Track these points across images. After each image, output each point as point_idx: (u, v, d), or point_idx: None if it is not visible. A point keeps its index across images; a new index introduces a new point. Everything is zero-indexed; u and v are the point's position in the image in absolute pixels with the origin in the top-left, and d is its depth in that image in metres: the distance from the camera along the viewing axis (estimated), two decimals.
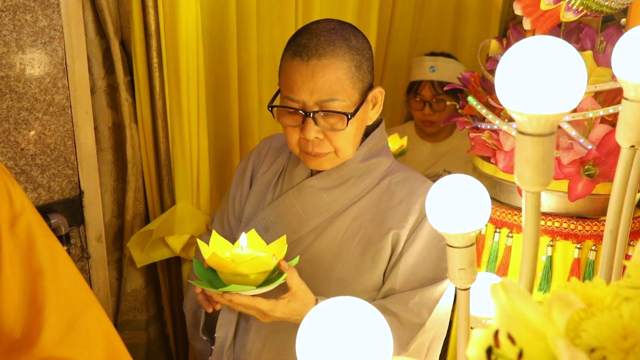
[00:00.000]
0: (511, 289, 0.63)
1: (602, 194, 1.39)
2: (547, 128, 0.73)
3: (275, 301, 1.17)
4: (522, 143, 0.75)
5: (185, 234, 1.71)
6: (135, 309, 1.81)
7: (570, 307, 0.59)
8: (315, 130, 1.22)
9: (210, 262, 1.15)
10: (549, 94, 0.70)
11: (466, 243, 0.99)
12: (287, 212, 1.36)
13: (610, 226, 1.03)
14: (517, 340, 0.61)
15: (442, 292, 1.29)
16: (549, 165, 0.76)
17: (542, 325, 0.61)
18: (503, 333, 0.61)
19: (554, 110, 0.71)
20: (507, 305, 0.63)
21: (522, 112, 0.72)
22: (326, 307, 0.67)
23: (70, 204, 1.51)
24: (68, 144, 1.49)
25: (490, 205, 0.98)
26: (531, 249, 0.82)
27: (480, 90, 1.52)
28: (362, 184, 1.34)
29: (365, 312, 0.67)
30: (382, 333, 0.66)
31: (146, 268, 1.82)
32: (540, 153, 0.74)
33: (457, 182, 0.98)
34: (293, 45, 1.24)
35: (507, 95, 0.73)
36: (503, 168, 1.38)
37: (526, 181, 0.77)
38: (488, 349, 0.61)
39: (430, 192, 0.98)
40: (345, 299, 0.68)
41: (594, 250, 1.41)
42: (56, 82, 1.44)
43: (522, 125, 0.74)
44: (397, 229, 1.28)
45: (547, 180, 0.77)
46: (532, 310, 0.62)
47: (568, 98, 0.71)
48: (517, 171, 0.77)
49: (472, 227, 0.97)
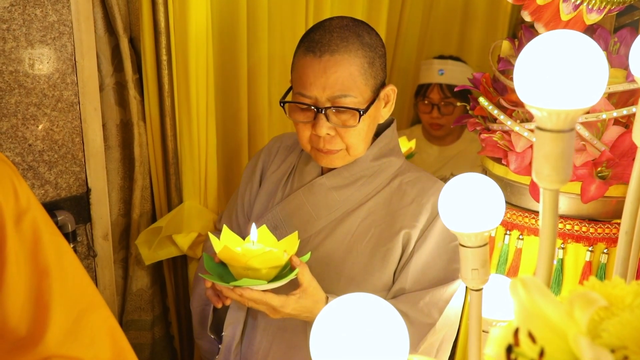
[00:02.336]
0: (531, 285, 0.62)
1: (615, 197, 1.38)
2: (567, 124, 0.72)
3: (286, 297, 1.16)
4: (542, 139, 0.74)
5: (192, 232, 1.70)
6: (140, 308, 1.80)
7: (592, 305, 0.58)
8: (327, 127, 1.22)
9: (222, 255, 1.14)
10: (570, 89, 0.69)
11: (479, 243, 0.97)
12: (297, 211, 1.35)
13: (626, 227, 1.01)
14: (537, 339, 0.60)
15: (452, 292, 1.28)
16: (568, 162, 0.74)
17: (562, 323, 0.59)
18: (523, 331, 0.60)
19: (574, 106, 0.70)
20: (527, 302, 0.62)
21: (541, 108, 0.71)
22: (341, 303, 0.66)
23: (77, 201, 1.50)
24: (76, 141, 1.48)
25: (504, 205, 0.97)
26: (548, 248, 0.81)
27: (491, 91, 1.51)
28: (373, 183, 1.33)
29: (381, 309, 0.65)
30: (399, 330, 0.65)
31: (152, 267, 1.81)
32: (559, 149, 0.73)
33: (470, 181, 0.97)
34: (306, 41, 1.24)
35: (527, 90, 0.72)
36: (515, 169, 1.37)
37: (544, 178, 0.76)
38: (508, 348, 0.60)
39: (444, 191, 0.97)
40: (360, 295, 0.66)
41: (605, 253, 1.39)
42: (65, 78, 1.43)
43: (542, 121, 0.73)
44: (408, 229, 1.27)
45: (566, 177, 0.75)
46: (552, 308, 0.60)
47: (589, 93, 0.69)
48: (536, 168, 0.76)
49: (486, 226, 0.96)
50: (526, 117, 1.39)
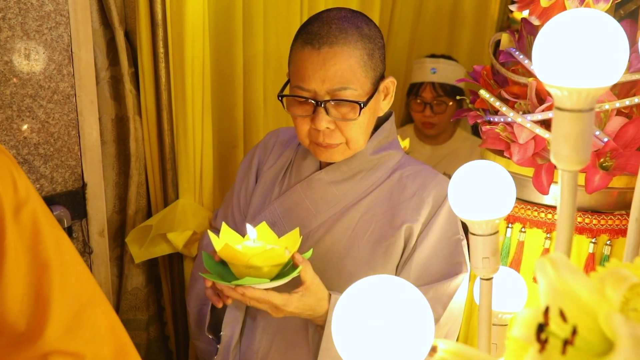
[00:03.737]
0: (560, 264, 0.60)
1: (617, 188, 1.37)
2: (587, 103, 0.71)
3: (288, 295, 1.14)
4: (561, 120, 0.73)
5: (187, 230, 1.67)
6: (135, 307, 1.77)
7: (624, 282, 0.56)
8: (326, 120, 1.20)
9: (223, 253, 1.11)
10: (590, 67, 0.68)
11: (490, 231, 0.96)
12: (295, 206, 1.34)
13: (636, 214, 1.00)
14: (568, 318, 0.58)
15: (456, 287, 1.27)
16: (587, 143, 0.73)
17: (593, 302, 0.58)
18: (554, 310, 0.59)
19: (594, 84, 0.69)
20: (556, 281, 0.60)
21: (562, 87, 0.70)
22: (364, 285, 0.64)
23: (73, 196, 1.47)
24: (72, 134, 1.45)
25: (515, 192, 0.96)
26: (566, 232, 0.79)
27: (492, 83, 1.50)
28: (373, 177, 1.32)
29: (405, 291, 0.64)
30: (424, 312, 0.63)
31: (147, 266, 1.78)
32: (579, 130, 0.72)
33: (480, 168, 0.96)
34: (304, 33, 1.22)
35: (546, 70, 0.71)
36: (518, 161, 1.36)
37: (563, 159, 0.75)
38: (539, 327, 0.58)
39: (453, 178, 0.96)
40: (382, 277, 0.65)
41: (609, 244, 1.39)
42: (61, 69, 1.40)
43: (561, 101, 0.72)
44: (410, 223, 1.26)
45: (585, 158, 0.74)
46: (582, 286, 0.59)
47: (609, 71, 0.69)
48: (554, 149, 0.75)
49: (497, 214, 0.95)
50: (528, 108, 1.38)
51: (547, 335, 0.58)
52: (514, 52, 1.43)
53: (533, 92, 1.36)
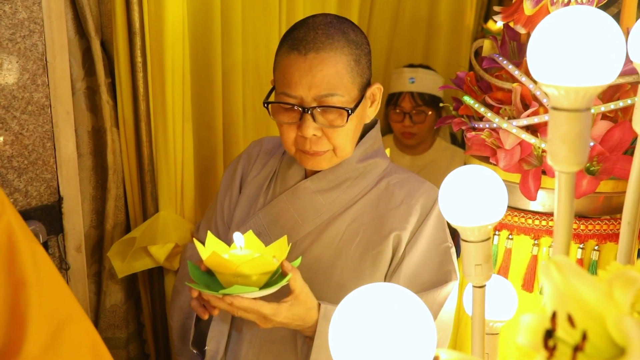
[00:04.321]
0: (566, 267, 0.58)
1: (603, 192, 1.37)
2: (584, 102, 0.69)
3: (277, 305, 1.11)
4: (557, 120, 0.71)
5: (169, 243, 1.63)
6: (114, 325, 1.71)
7: (634, 285, 0.54)
8: (313, 127, 1.18)
9: (209, 262, 1.08)
10: (587, 65, 0.66)
11: (482, 237, 0.95)
12: (280, 216, 1.31)
13: (628, 218, 0.99)
14: (577, 323, 0.56)
15: (446, 295, 1.25)
16: (585, 143, 0.72)
17: (601, 305, 0.56)
18: (562, 315, 0.56)
19: (592, 83, 0.68)
20: (561, 285, 0.58)
21: (558, 86, 0.69)
22: (363, 295, 0.62)
23: (48, 211, 1.42)
24: (47, 146, 1.40)
25: (506, 196, 0.94)
26: (564, 236, 0.78)
27: (475, 89, 1.49)
28: (360, 186, 1.30)
29: (407, 299, 0.61)
30: (426, 322, 0.60)
31: (126, 281, 1.72)
32: (577, 130, 0.70)
33: (471, 173, 0.94)
34: (289, 39, 1.20)
35: (542, 69, 0.69)
36: (504, 167, 1.35)
37: (561, 160, 0.73)
38: (547, 333, 0.56)
39: (444, 185, 0.94)
40: (381, 285, 0.62)
41: (597, 250, 1.38)
42: (35, 79, 1.35)
43: (557, 100, 0.70)
44: (399, 231, 1.24)
45: (583, 159, 0.73)
46: (589, 289, 0.57)
47: (607, 69, 0.67)
48: (551, 150, 0.73)
49: (489, 219, 0.93)
50: (513, 114, 1.37)
51: (556, 342, 0.55)
52: (497, 57, 1.43)
53: (518, 98, 1.36)
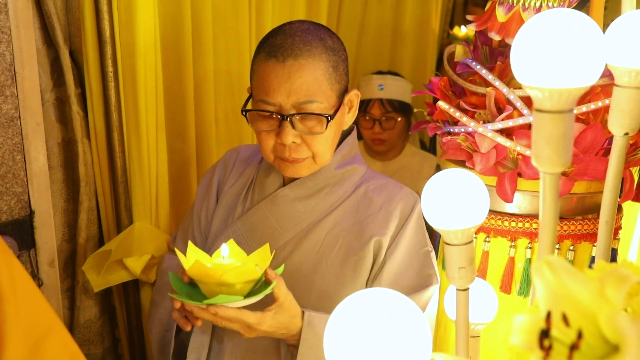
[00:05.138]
0: (558, 266, 0.59)
1: (577, 193, 1.39)
2: (568, 104, 0.70)
3: (262, 313, 1.10)
4: (541, 121, 0.72)
5: (145, 255, 1.59)
6: (89, 341, 1.67)
7: (626, 282, 0.55)
8: (292, 135, 1.17)
9: (192, 271, 1.06)
10: (570, 67, 0.67)
11: (465, 240, 0.95)
12: (259, 225, 1.30)
13: (606, 217, 1.01)
14: (571, 322, 0.56)
15: (427, 299, 1.26)
16: (569, 144, 0.73)
17: (593, 304, 0.56)
18: (557, 314, 0.57)
19: (575, 84, 0.69)
20: (554, 284, 0.58)
21: (541, 87, 0.69)
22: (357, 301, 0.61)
23: (19, 225, 1.37)
24: (17, 159, 1.36)
25: (488, 199, 0.95)
26: (549, 236, 0.79)
27: (449, 94, 1.51)
28: (338, 192, 1.30)
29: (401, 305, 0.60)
30: (421, 327, 0.60)
31: (100, 295, 1.68)
32: (561, 131, 0.71)
33: (452, 177, 0.94)
34: (266, 46, 1.19)
35: (525, 72, 0.70)
36: (481, 170, 1.36)
37: (545, 161, 0.74)
38: (542, 333, 0.56)
39: (426, 188, 0.94)
40: (376, 291, 0.61)
41: (572, 250, 1.40)
42: (4, 90, 1.31)
43: (541, 102, 0.71)
44: (379, 236, 1.25)
45: (567, 160, 0.74)
46: (582, 288, 0.57)
47: (589, 71, 0.68)
48: (536, 152, 0.74)
49: (472, 222, 0.93)
50: (487, 118, 1.39)
51: (551, 342, 0.56)
52: (470, 62, 1.44)
53: (492, 102, 1.37)
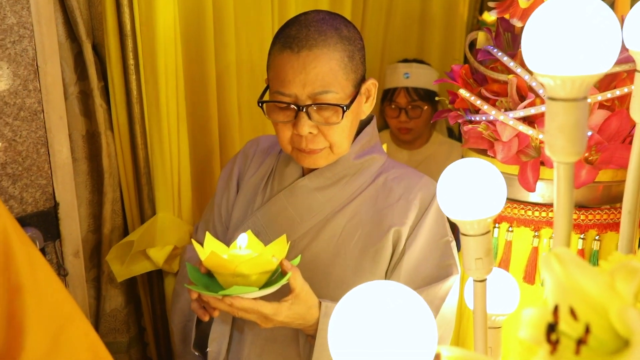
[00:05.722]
0: (567, 259, 0.57)
1: (602, 182, 1.36)
2: (581, 91, 0.68)
3: (278, 304, 1.10)
4: (554, 110, 0.70)
5: (168, 245, 1.62)
6: (115, 330, 1.70)
7: (637, 275, 0.53)
8: (309, 125, 1.17)
9: (208, 262, 1.07)
10: (583, 53, 0.65)
11: (482, 230, 0.94)
12: (279, 215, 1.30)
13: (629, 207, 0.99)
14: (579, 316, 0.55)
15: (447, 290, 1.25)
16: (583, 133, 0.71)
17: (603, 297, 0.55)
18: (564, 308, 0.55)
19: (588, 71, 0.67)
20: (563, 277, 0.57)
21: (553, 75, 0.68)
22: (361, 293, 0.61)
23: (44, 217, 1.41)
24: (41, 152, 1.39)
25: (505, 189, 0.93)
26: (564, 227, 0.77)
27: (471, 82, 1.48)
28: (357, 182, 1.29)
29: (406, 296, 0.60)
30: (426, 319, 0.59)
31: (126, 285, 1.72)
32: (574, 119, 0.69)
33: (469, 167, 0.93)
34: (282, 37, 1.19)
35: (537, 59, 0.68)
36: (502, 159, 1.34)
37: (559, 151, 0.72)
38: (549, 327, 0.55)
39: (442, 179, 0.93)
40: (382, 283, 0.61)
41: (597, 240, 1.37)
42: (27, 84, 1.34)
43: (554, 90, 0.69)
44: (398, 226, 1.24)
45: (581, 149, 0.72)
46: (592, 281, 0.56)
47: (603, 57, 0.66)
48: (549, 141, 0.72)
49: (488, 212, 0.92)
50: (509, 106, 1.36)
51: (558, 336, 0.54)
52: (492, 49, 1.41)
53: (514, 89, 1.35)
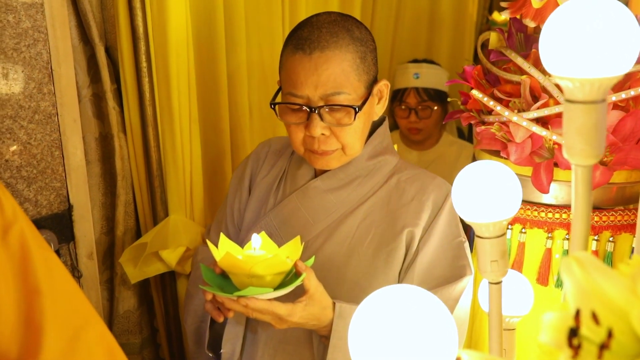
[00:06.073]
0: (587, 263, 0.57)
1: (616, 183, 1.36)
2: (599, 94, 0.68)
3: (292, 305, 1.10)
4: (573, 112, 0.70)
5: (180, 247, 1.62)
6: (128, 331, 1.71)
7: None
8: (321, 127, 1.17)
9: (223, 263, 1.07)
10: (601, 56, 0.65)
11: (498, 233, 0.93)
12: (291, 216, 1.30)
13: None
14: (601, 320, 0.55)
15: (461, 290, 1.24)
16: (602, 135, 0.70)
17: (625, 301, 0.55)
18: (586, 312, 0.55)
19: (607, 74, 0.66)
20: (583, 281, 0.57)
21: (572, 78, 0.67)
22: (382, 296, 0.61)
23: (59, 219, 1.41)
24: (55, 155, 1.40)
25: (520, 191, 0.93)
26: (582, 230, 0.77)
27: (483, 83, 1.48)
28: (370, 183, 1.29)
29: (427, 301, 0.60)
30: (447, 324, 0.59)
31: (139, 287, 1.72)
32: (593, 121, 0.69)
33: (484, 169, 0.93)
34: (294, 38, 1.19)
35: (555, 61, 0.68)
36: (515, 160, 1.33)
37: (577, 153, 0.72)
38: (571, 332, 0.55)
39: (457, 180, 0.93)
40: (402, 287, 0.61)
41: (611, 241, 1.36)
42: (41, 87, 1.35)
43: (572, 93, 0.69)
44: (411, 227, 1.24)
45: (600, 151, 0.71)
46: (613, 285, 0.55)
47: (621, 60, 0.66)
48: (567, 144, 0.72)
49: (504, 215, 0.92)
50: (522, 107, 1.36)
51: (580, 340, 0.54)
52: (505, 50, 1.41)
53: (527, 90, 1.34)
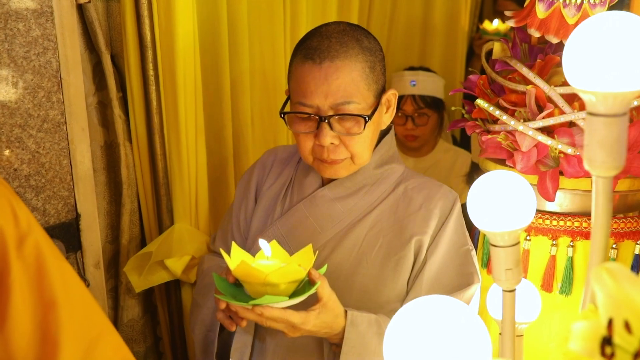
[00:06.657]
0: (618, 273, 0.58)
1: (619, 191, 1.38)
2: (622, 107, 0.69)
3: (306, 313, 1.10)
4: (594, 125, 0.71)
5: (185, 256, 1.62)
6: (132, 340, 1.70)
7: None
8: (330, 136, 1.18)
9: (238, 272, 1.07)
10: (624, 70, 0.67)
11: (512, 242, 0.94)
12: (299, 225, 1.31)
13: None
14: (633, 329, 0.56)
15: (469, 298, 1.25)
16: (623, 147, 0.72)
17: None
18: (619, 322, 0.56)
19: (629, 88, 0.68)
20: (614, 291, 0.58)
21: (595, 92, 0.69)
22: (420, 307, 0.61)
23: (66, 228, 1.41)
24: (63, 163, 1.39)
25: (535, 200, 0.94)
26: (602, 240, 0.78)
27: (488, 92, 1.50)
28: (377, 192, 1.30)
29: (464, 314, 0.61)
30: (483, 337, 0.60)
31: (143, 296, 1.72)
32: (615, 134, 0.71)
33: (499, 179, 0.94)
34: (303, 48, 1.20)
35: (578, 76, 0.70)
36: (522, 169, 1.35)
37: (599, 165, 0.73)
38: (604, 340, 0.56)
39: (472, 190, 0.94)
40: (436, 298, 0.62)
41: (614, 248, 1.38)
42: (50, 96, 1.34)
43: (594, 106, 0.70)
44: (420, 235, 1.24)
45: (621, 163, 0.73)
46: None
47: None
48: (589, 155, 0.73)
49: (518, 224, 0.93)
50: (527, 116, 1.38)
51: (614, 350, 0.55)
52: (510, 60, 1.43)
53: (532, 100, 1.36)
